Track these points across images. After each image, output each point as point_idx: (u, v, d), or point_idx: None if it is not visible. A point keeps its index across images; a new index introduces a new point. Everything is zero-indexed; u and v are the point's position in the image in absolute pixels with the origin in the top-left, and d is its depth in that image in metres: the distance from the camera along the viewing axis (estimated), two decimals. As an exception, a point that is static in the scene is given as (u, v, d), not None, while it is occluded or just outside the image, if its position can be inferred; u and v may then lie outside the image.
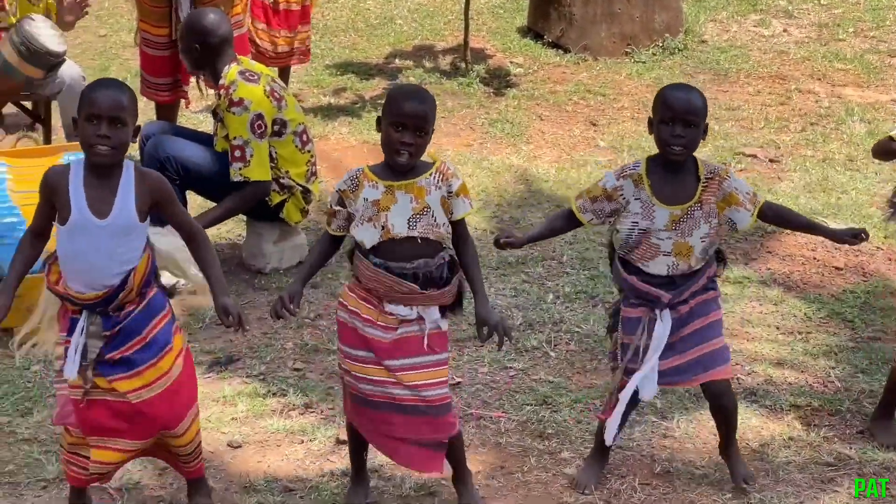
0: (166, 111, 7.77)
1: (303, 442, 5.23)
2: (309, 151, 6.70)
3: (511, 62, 10.06)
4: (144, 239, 4.34)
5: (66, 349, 4.33)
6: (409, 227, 4.41)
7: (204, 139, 6.84)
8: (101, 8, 11.39)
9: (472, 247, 4.57)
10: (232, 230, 7.20)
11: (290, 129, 6.56)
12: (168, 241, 4.59)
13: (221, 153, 6.63)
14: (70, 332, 4.33)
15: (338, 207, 4.48)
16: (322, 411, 5.45)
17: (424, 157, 4.47)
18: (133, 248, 4.29)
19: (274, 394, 5.58)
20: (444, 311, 4.53)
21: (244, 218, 6.98)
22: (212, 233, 7.06)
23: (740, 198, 4.64)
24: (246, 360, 5.88)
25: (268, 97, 6.47)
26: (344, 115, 8.95)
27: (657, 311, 4.65)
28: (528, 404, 5.50)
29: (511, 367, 5.81)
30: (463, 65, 9.80)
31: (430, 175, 4.44)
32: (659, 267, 4.63)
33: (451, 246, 4.53)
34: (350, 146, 8.46)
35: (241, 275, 6.76)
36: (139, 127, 4.34)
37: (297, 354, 5.93)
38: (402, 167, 4.42)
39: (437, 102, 4.55)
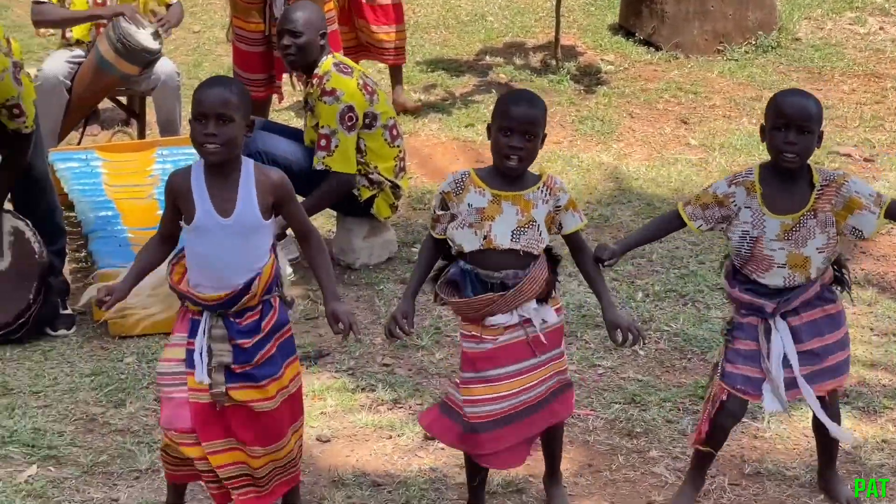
0: (258, 107, 7.82)
1: (391, 437, 5.24)
2: (398, 146, 6.72)
3: (602, 59, 10.02)
4: (270, 238, 4.30)
5: (189, 352, 4.26)
6: (511, 240, 4.31)
7: (294, 134, 6.89)
8: (195, 4, 11.50)
9: (589, 255, 4.48)
10: (322, 226, 7.24)
11: (380, 122, 6.58)
12: (285, 262, 4.55)
13: (311, 148, 6.67)
14: (192, 334, 4.28)
15: (441, 212, 4.40)
16: (410, 407, 5.47)
17: (532, 170, 4.38)
18: (259, 246, 4.26)
19: (363, 389, 5.60)
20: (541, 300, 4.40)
21: (334, 213, 7.02)
22: (302, 228, 7.12)
23: (863, 201, 4.43)
24: (335, 356, 5.91)
25: (360, 90, 6.51)
26: (434, 112, 8.96)
27: (770, 321, 4.49)
28: (616, 402, 5.48)
29: (600, 365, 5.79)
30: (553, 62, 9.78)
31: (538, 189, 4.34)
32: (775, 279, 4.46)
33: (541, 254, 4.39)
34: (440, 143, 8.47)
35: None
36: (254, 121, 4.32)
37: (385, 350, 5.95)
38: (513, 171, 4.31)
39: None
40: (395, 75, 8.99)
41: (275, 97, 8.01)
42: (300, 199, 6.54)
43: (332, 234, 7.05)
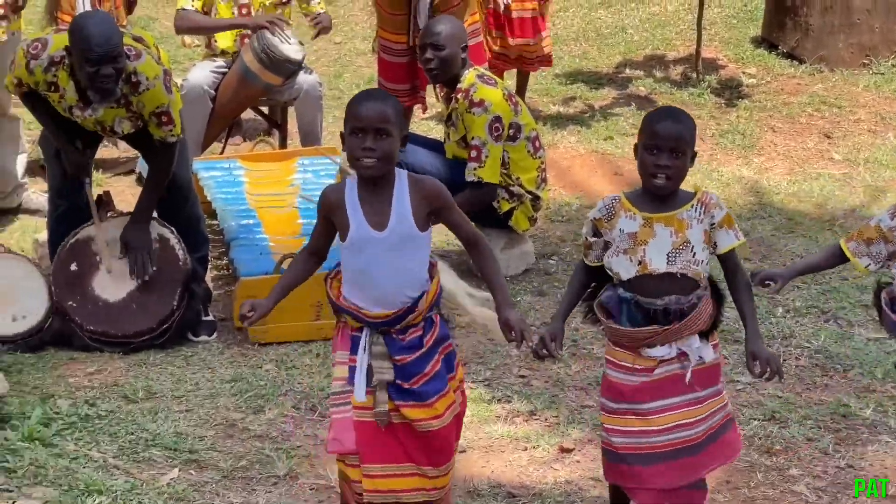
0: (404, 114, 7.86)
1: (526, 449, 5.24)
2: (540, 158, 6.73)
3: (743, 73, 9.92)
4: (427, 251, 4.23)
5: (351, 368, 4.22)
6: (667, 263, 4.16)
7: (435, 146, 6.92)
8: (337, 16, 11.60)
9: (743, 278, 4.30)
10: (460, 236, 7.26)
11: (524, 133, 6.60)
12: (445, 278, 4.48)
13: (451, 160, 6.70)
14: (353, 350, 4.23)
15: (593, 238, 4.27)
16: (546, 419, 5.46)
17: (686, 187, 4.24)
18: (416, 259, 4.19)
19: (499, 400, 5.61)
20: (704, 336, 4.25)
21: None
22: (440, 238, 7.15)
23: None
24: (471, 366, 5.91)
25: (506, 100, 6.53)
26: (573, 124, 8.94)
27: None
28: (755, 419, 5.41)
29: (738, 381, 5.72)
30: (694, 75, 9.71)
31: (692, 207, 4.19)
32: None
33: (707, 283, 4.26)
34: (579, 155, 8.46)
35: (467, 281, 6.78)
36: (407, 136, 4.28)
37: (522, 361, 5.94)
38: (661, 191, 4.18)
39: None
40: (523, 83, 8.98)
41: (417, 108, 8.05)
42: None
43: (470, 245, 7.06)
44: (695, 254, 4.17)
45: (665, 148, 4.14)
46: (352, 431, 4.23)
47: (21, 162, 7.67)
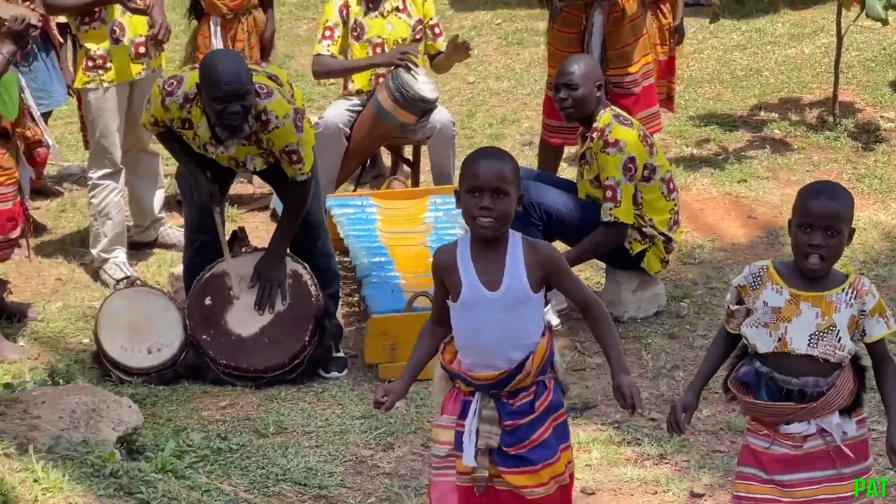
0: (552, 153, 7.87)
1: (656, 493, 5.18)
2: (673, 200, 6.68)
3: (881, 117, 9.75)
4: (540, 313, 4.18)
5: (458, 434, 4.17)
6: (808, 345, 3.98)
7: (567, 186, 6.91)
8: (471, 56, 11.66)
9: (891, 366, 4.07)
10: (590, 277, 7.24)
11: (658, 174, 6.56)
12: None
13: (584, 200, 6.68)
14: (462, 415, 4.18)
15: (736, 307, 4.13)
16: (676, 463, 5.40)
17: (839, 267, 4.07)
18: (528, 321, 4.14)
19: (629, 442, 5.56)
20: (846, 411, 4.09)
21: (603, 265, 7.01)
22: (571, 279, 7.13)
23: None
24: (601, 408, 5.88)
25: (641, 141, 6.50)
26: (706, 167, 8.87)
27: None
28: (891, 469, 5.29)
29: (874, 430, 5.59)
30: (830, 118, 9.57)
31: (843, 290, 4.01)
32: None
33: (848, 364, 4.07)
34: (711, 197, 8.38)
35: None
36: (523, 195, 4.22)
37: (652, 404, 5.89)
38: (813, 272, 3.99)
39: (811, 166, 4.27)
40: None
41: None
42: (569, 248, 6.67)
43: (601, 287, 7.04)
44: (840, 339, 3.99)
45: (819, 227, 3.96)
46: (454, 494, 4.21)
47: (159, 197, 7.81)
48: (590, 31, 7.51)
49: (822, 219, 3.95)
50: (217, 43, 8.09)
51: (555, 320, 6.68)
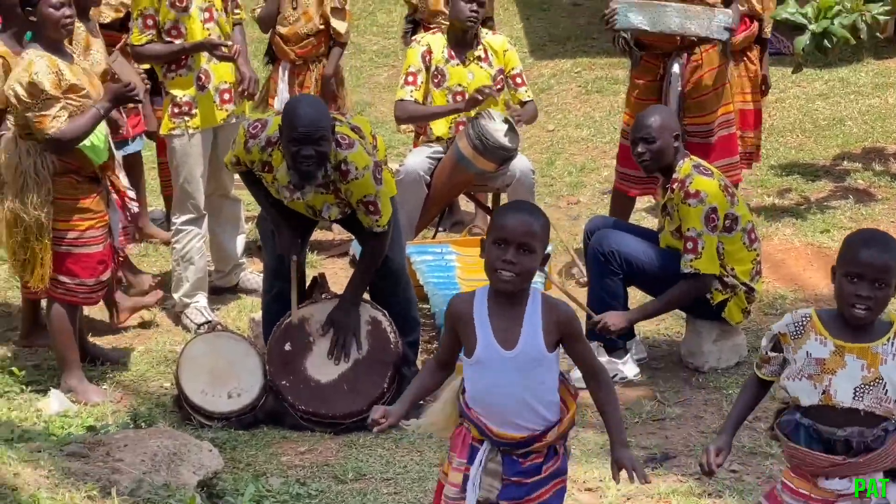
0: (627, 203, 7.86)
1: (737, 546, 5.13)
2: (755, 250, 6.64)
3: (967, 166, 9.67)
4: (555, 374, 4.11)
5: (465, 477, 4.12)
6: (854, 398, 3.88)
7: (647, 235, 6.89)
8: (550, 104, 11.69)
9: None
10: (670, 327, 7.20)
11: (740, 225, 6.53)
12: None
13: (665, 249, 6.66)
14: (470, 459, 4.13)
15: (773, 354, 4.05)
16: (757, 516, 5.34)
17: (884, 317, 3.96)
18: (544, 381, 4.07)
19: (709, 494, 5.50)
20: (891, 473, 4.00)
21: (683, 315, 6.97)
22: (649, 328, 7.10)
23: None
24: (681, 458, 5.83)
25: (722, 191, 6.47)
26: (788, 216, 8.81)
27: None
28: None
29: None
30: (915, 168, 9.49)
31: (889, 341, 3.91)
32: None
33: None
34: (793, 248, 8.32)
35: (678, 372, 6.74)
36: (548, 255, 4.15)
37: (734, 456, 5.80)
38: (859, 322, 3.91)
39: (886, 207, 4.23)
40: None
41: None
42: (652, 299, 6.64)
43: (681, 336, 7.00)
44: (886, 391, 3.88)
45: (868, 278, 3.86)
46: None
47: (240, 242, 7.87)
48: (668, 79, 7.51)
49: (871, 270, 3.86)
50: (284, 88, 8.20)
51: (633, 370, 6.65)
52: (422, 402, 4.41)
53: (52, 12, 6.18)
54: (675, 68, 7.47)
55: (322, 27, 8.33)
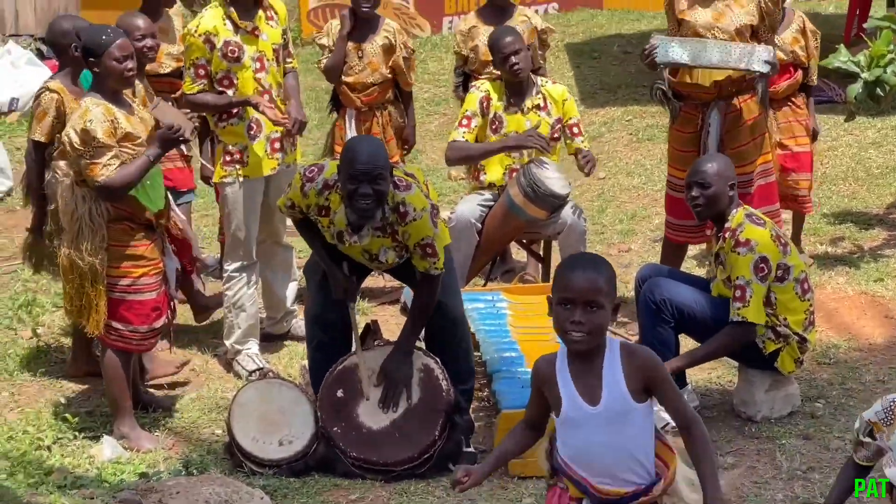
0: (676, 251, 7.83)
1: None
2: (808, 300, 6.60)
3: None
4: (650, 425, 4.05)
5: None
6: None
7: (699, 283, 6.87)
8: (601, 152, 11.69)
9: None
10: (723, 376, 7.16)
11: (792, 275, 6.49)
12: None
13: (716, 298, 6.63)
14: None
15: (866, 439, 4.03)
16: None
17: None
18: (637, 434, 4.02)
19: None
20: None
21: (735, 364, 6.93)
22: (701, 376, 7.07)
23: None
24: (733, 507, 5.80)
25: (773, 241, 6.45)
26: (841, 265, 8.75)
27: None
28: None
29: None
30: (970, 217, 9.42)
31: None
32: None
33: None
34: (846, 297, 8.26)
35: (730, 421, 6.69)
36: (618, 305, 4.08)
37: (802, 504, 5.78)
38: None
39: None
40: (798, 225, 8.89)
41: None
42: (699, 346, 6.61)
43: (733, 385, 6.96)
44: None
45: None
46: None
47: (292, 289, 7.90)
48: (706, 130, 7.49)
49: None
50: (351, 135, 8.24)
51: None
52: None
53: (115, 65, 6.26)
54: (714, 118, 7.45)
55: (389, 76, 8.38)
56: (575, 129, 8.00)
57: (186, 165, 8.17)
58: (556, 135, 7.93)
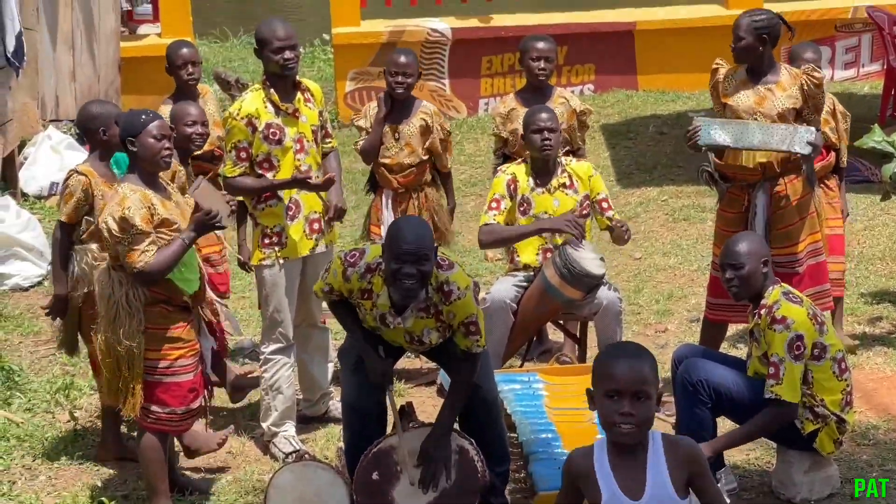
0: (715, 334, 7.81)
1: None
2: (846, 380, 6.57)
3: None
4: None
5: None
6: None
7: (735, 363, 6.84)
8: (637, 231, 11.68)
9: None
10: (761, 457, 7.11)
11: (829, 354, 6.47)
12: None
13: (752, 377, 6.61)
14: None
15: None
16: None
17: None
18: None
19: None
20: None
21: (773, 445, 6.89)
22: (739, 458, 7.02)
23: None
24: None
25: (810, 319, 6.44)
26: (879, 345, 8.71)
27: None
28: None
29: None
30: None
31: None
32: None
33: None
34: (885, 377, 8.21)
35: (769, 502, 6.64)
36: (661, 395, 4.06)
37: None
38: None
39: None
40: (838, 306, 8.85)
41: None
42: (737, 427, 6.57)
43: (771, 467, 6.91)
44: None
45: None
46: None
47: (329, 371, 7.90)
48: (753, 210, 7.51)
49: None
50: (388, 216, 8.28)
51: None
52: None
53: (153, 143, 6.32)
54: (760, 199, 7.47)
55: (425, 157, 8.43)
56: (604, 204, 8.02)
57: (223, 266, 8.21)
58: (585, 211, 7.96)
